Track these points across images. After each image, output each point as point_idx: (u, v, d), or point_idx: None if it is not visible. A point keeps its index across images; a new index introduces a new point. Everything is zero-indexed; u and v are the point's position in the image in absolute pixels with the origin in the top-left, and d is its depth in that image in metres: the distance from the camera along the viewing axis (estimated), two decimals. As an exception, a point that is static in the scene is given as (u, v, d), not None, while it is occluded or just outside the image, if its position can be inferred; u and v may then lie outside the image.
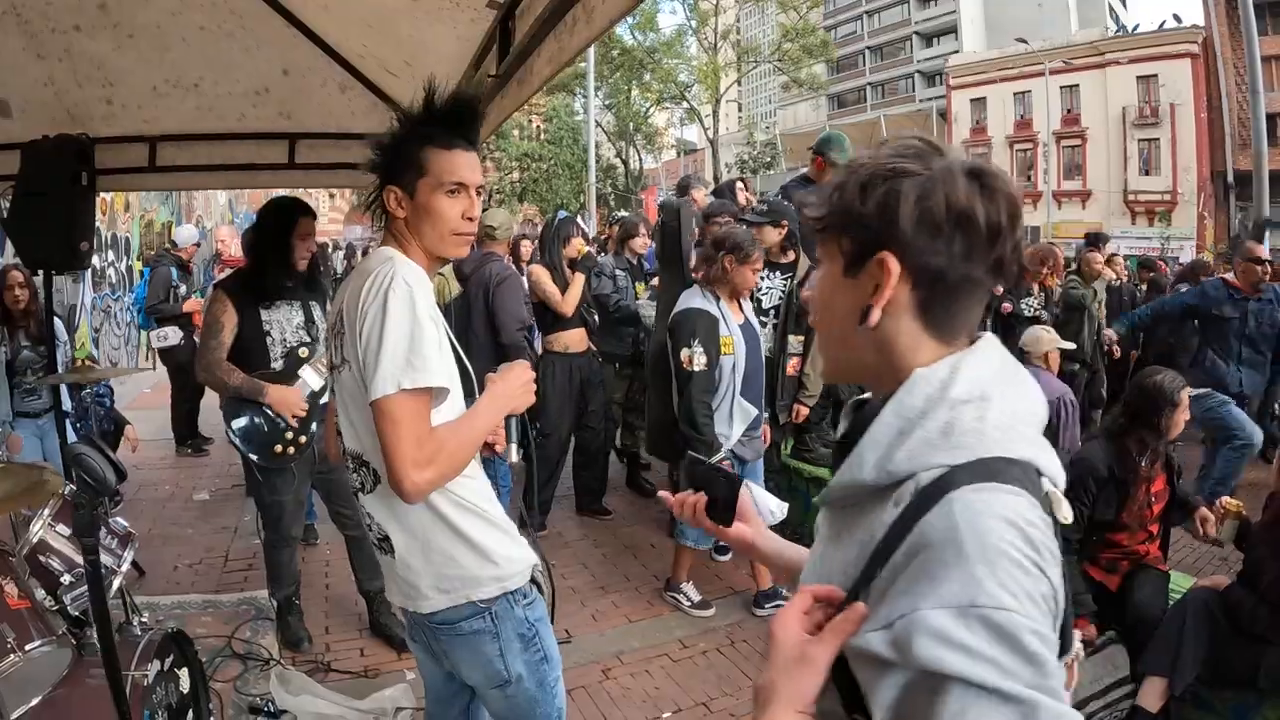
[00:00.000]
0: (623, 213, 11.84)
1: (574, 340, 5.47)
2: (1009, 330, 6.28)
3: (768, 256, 4.66)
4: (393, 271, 1.73)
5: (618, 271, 6.20)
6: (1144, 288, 9.96)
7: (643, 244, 6.78)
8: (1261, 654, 3.07)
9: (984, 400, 0.90)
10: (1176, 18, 38.23)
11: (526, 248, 7.41)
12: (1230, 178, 32.93)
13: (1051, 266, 7.31)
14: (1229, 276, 6.62)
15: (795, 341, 4.89)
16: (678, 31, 44.85)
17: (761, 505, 3.54)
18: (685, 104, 46.79)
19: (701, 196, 6.61)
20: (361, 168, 1.90)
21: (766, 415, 4.56)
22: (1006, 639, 0.76)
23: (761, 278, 4.67)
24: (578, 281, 5.30)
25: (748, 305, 4.40)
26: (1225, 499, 3.64)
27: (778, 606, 3.57)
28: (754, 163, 47.57)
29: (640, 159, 51.12)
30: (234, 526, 5.75)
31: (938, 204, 0.91)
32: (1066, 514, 0.88)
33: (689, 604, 4.58)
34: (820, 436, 5.40)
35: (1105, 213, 38.55)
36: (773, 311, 4.93)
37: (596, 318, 5.85)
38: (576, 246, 5.40)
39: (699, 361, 3.93)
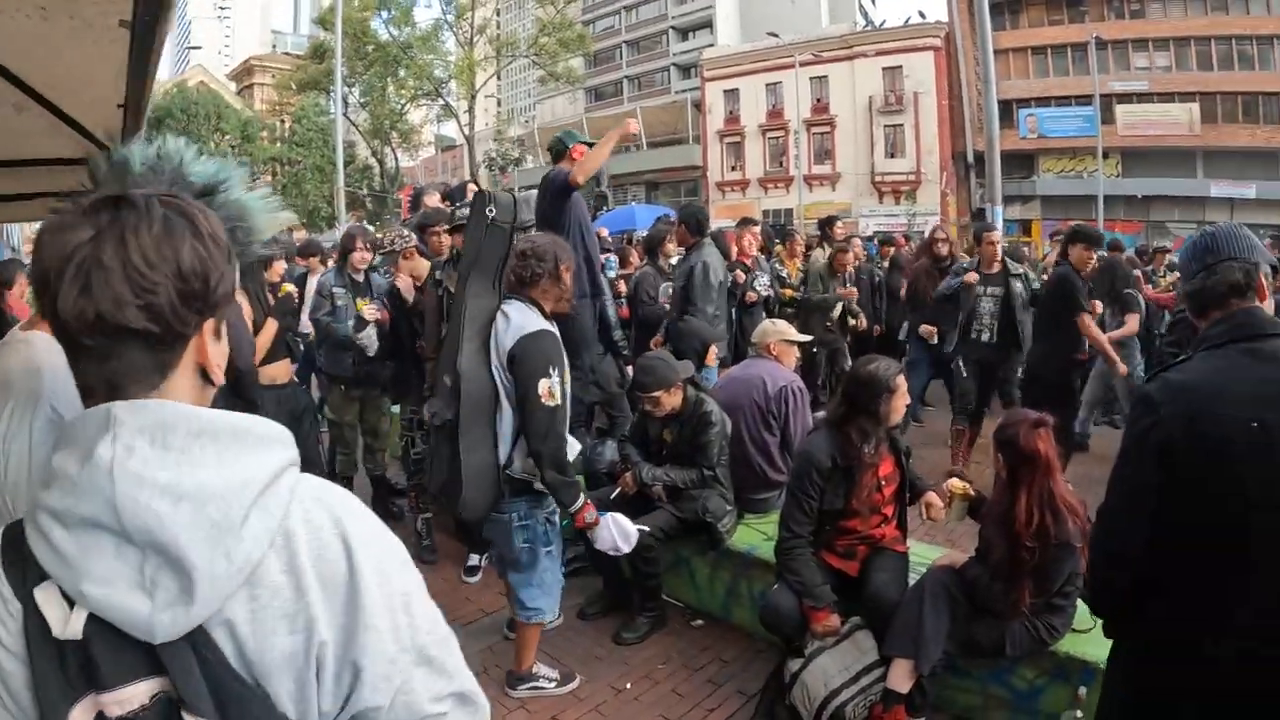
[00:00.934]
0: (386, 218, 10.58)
1: (279, 372, 5.01)
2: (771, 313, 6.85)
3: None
4: None
5: (335, 290, 5.70)
6: (885, 265, 10.02)
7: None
8: (1004, 623, 3.21)
9: None
10: (921, 14, 42.34)
11: (276, 269, 6.61)
12: (970, 158, 36.16)
13: (788, 249, 8.35)
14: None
15: None
16: (434, 26, 43.70)
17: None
18: (441, 100, 45.70)
19: (435, 202, 6.60)
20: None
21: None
22: None
23: None
24: (270, 328, 4.79)
25: None
26: (952, 481, 3.69)
27: (534, 688, 3.76)
28: (502, 160, 47.36)
29: (396, 158, 49.60)
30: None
31: None
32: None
33: (554, 685, 3.85)
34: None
35: (854, 193, 41.64)
36: None
37: (302, 345, 5.70)
38: (277, 270, 5.19)
39: (559, 394, 3.34)
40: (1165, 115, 37.14)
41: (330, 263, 7.01)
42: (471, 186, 6.69)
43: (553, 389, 3.27)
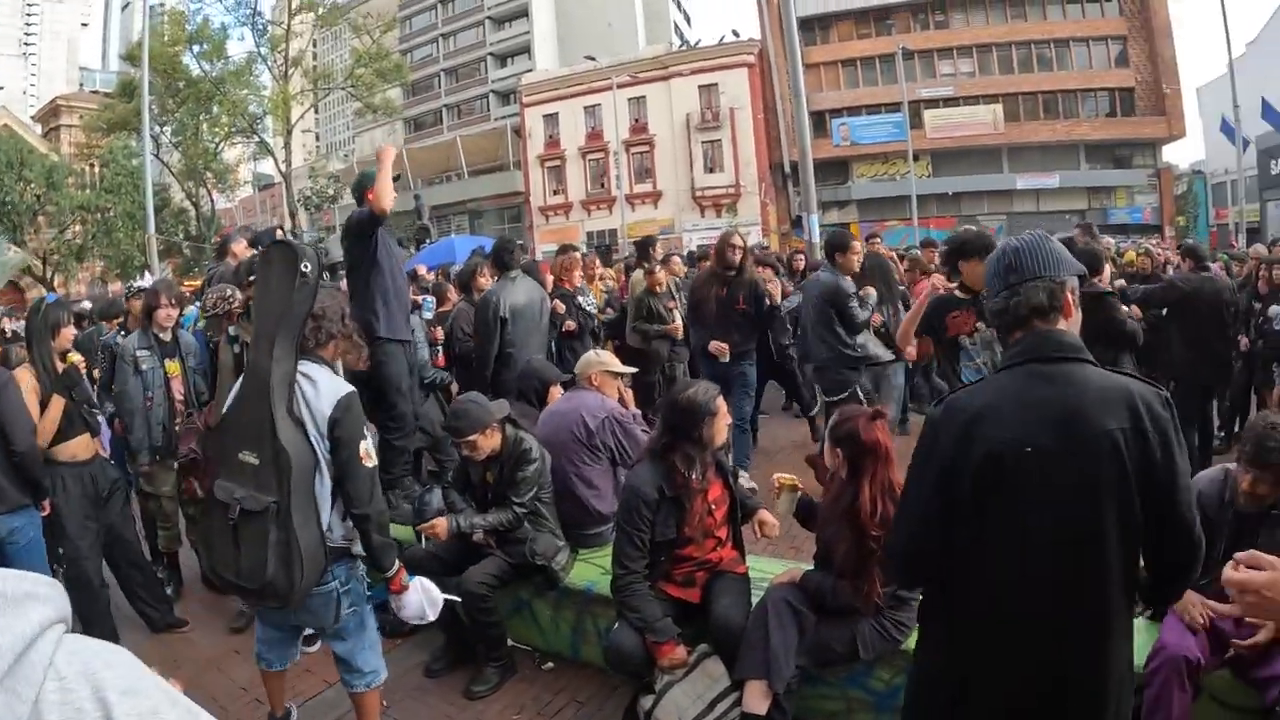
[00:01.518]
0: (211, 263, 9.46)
1: (79, 449, 4.63)
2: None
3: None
4: None
5: (139, 353, 5.26)
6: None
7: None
8: (854, 627, 3.26)
9: None
10: (735, 33, 43.51)
11: (65, 336, 5.90)
12: (787, 168, 37.29)
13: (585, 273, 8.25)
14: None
15: None
16: (247, 59, 41.57)
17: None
18: (256, 138, 43.44)
19: (243, 250, 6.37)
20: None
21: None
22: None
23: None
24: (55, 406, 4.42)
25: None
26: (779, 475, 3.70)
27: None
28: (317, 198, 45.84)
29: (212, 199, 46.66)
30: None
31: None
32: None
33: None
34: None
35: (676, 209, 42.48)
36: None
37: (101, 418, 5.22)
38: (66, 336, 4.79)
39: (374, 453, 3.22)
40: (971, 117, 39.70)
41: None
42: (279, 232, 5.93)
43: (369, 450, 3.15)
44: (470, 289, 7.00)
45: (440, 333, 7.04)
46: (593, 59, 42.77)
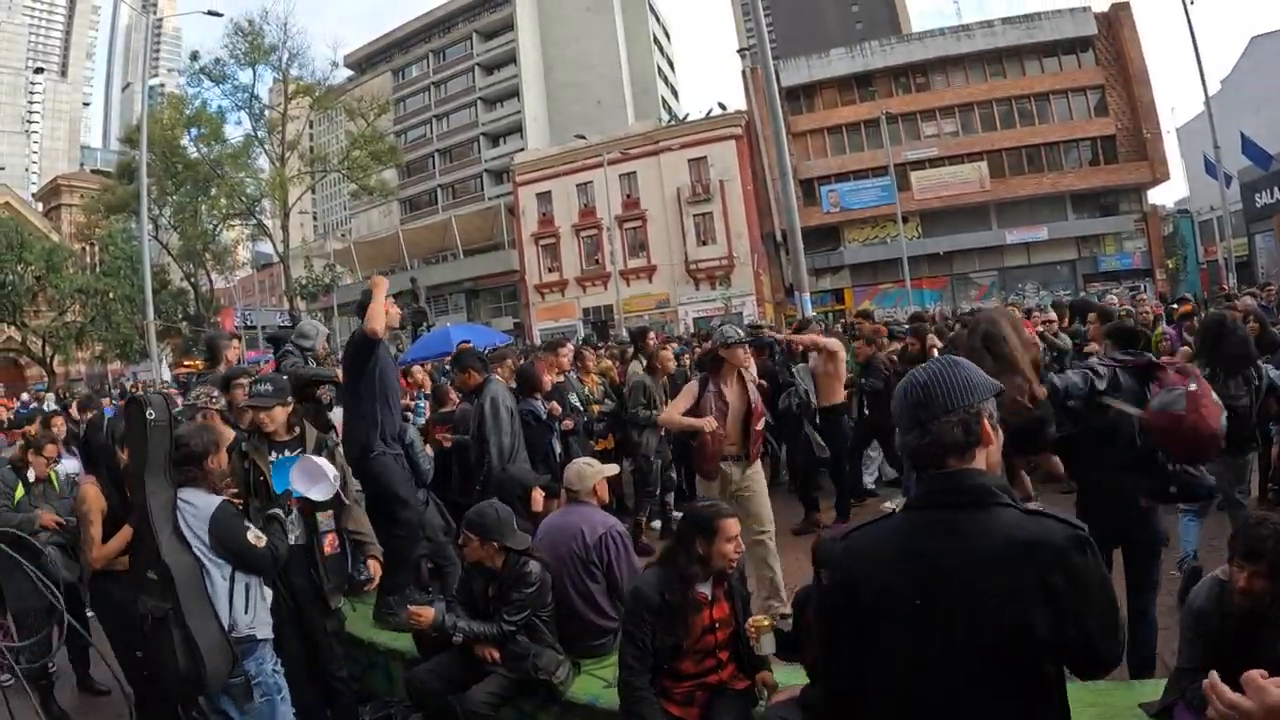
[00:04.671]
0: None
1: None
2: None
3: (273, 436, 4.53)
4: None
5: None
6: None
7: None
8: None
9: None
10: (721, 105, 44.10)
11: (59, 425, 6.61)
12: (779, 237, 36.71)
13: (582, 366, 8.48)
14: None
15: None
16: (245, 142, 42.22)
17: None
18: (255, 220, 43.96)
19: (235, 355, 6.45)
20: None
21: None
22: None
23: (273, 461, 4.47)
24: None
25: None
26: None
27: None
28: (313, 286, 45.90)
29: (211, 280, 47.38)
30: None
31: None
32: None
33: None
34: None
35: (671, 283, 42.32)
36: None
37: None
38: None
39: (262, 535, 3.72)
40: (957, 176, 40.08)
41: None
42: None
43: (257, 534, 3.62)
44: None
45: (447, 437, 6.75)
46: (583, 137, 43.43)
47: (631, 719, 3.53)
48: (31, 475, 5.60)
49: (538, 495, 5.34)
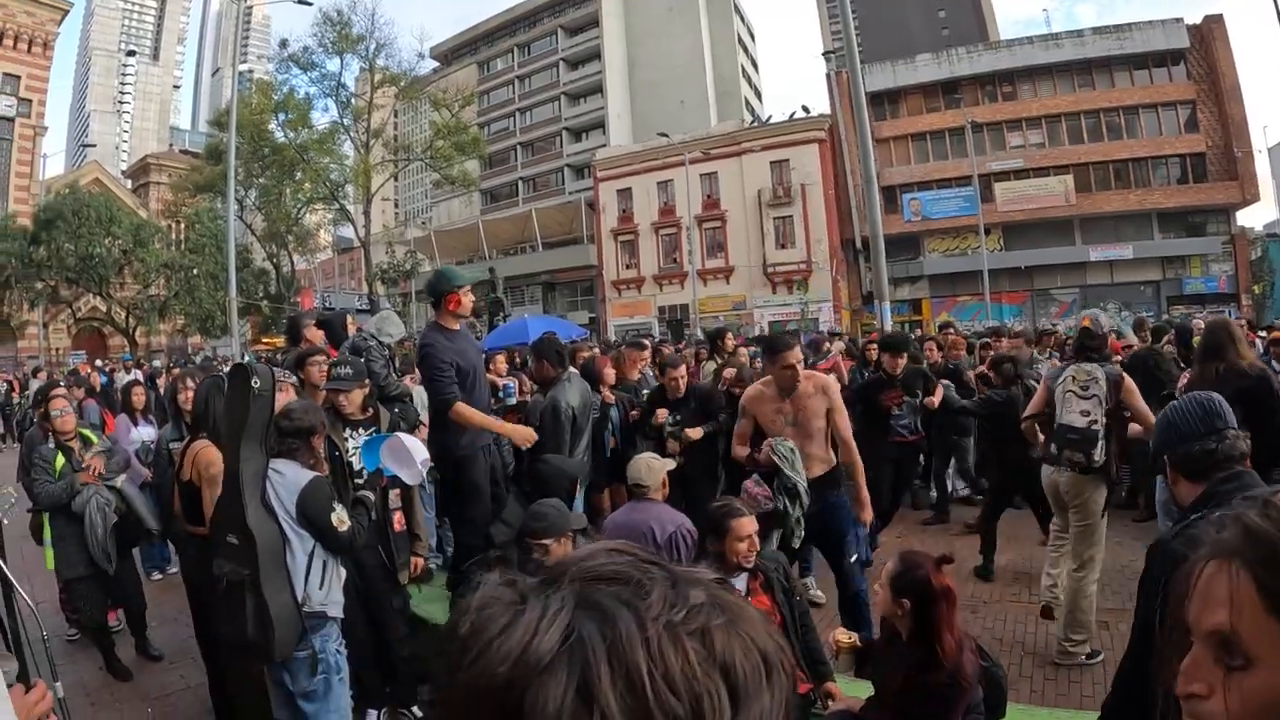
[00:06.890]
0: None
1: None
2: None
3: (349, 416, 4.77)
4: None
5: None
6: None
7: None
8: None
9: None
10: (805, 109, 43.52)
11: (139, 395, 6.84)
12: (859, 243, 36.86)
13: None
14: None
15: None
16: (331, 128, 42.86)
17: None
18: (337, 204, 44.88)
19: (313, 334, 6.46)
20: None
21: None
22: None
23: (348, 437, 4.72)
24: None
25: None
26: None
27: None
28: (394, 271, 46.61)
29: (292, 262, 48.56)
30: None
31: None
32: None
33: None
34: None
35: (748, 285, 42.32)
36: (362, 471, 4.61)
37: None
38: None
39: (347, 518, 3.74)
40: (1041, 189, 39.28)
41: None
42: (351, 321, 6.72)
43: (341, 517, 3.67)
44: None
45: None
46: (665, 135, 43.59)
47: None
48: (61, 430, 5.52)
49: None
